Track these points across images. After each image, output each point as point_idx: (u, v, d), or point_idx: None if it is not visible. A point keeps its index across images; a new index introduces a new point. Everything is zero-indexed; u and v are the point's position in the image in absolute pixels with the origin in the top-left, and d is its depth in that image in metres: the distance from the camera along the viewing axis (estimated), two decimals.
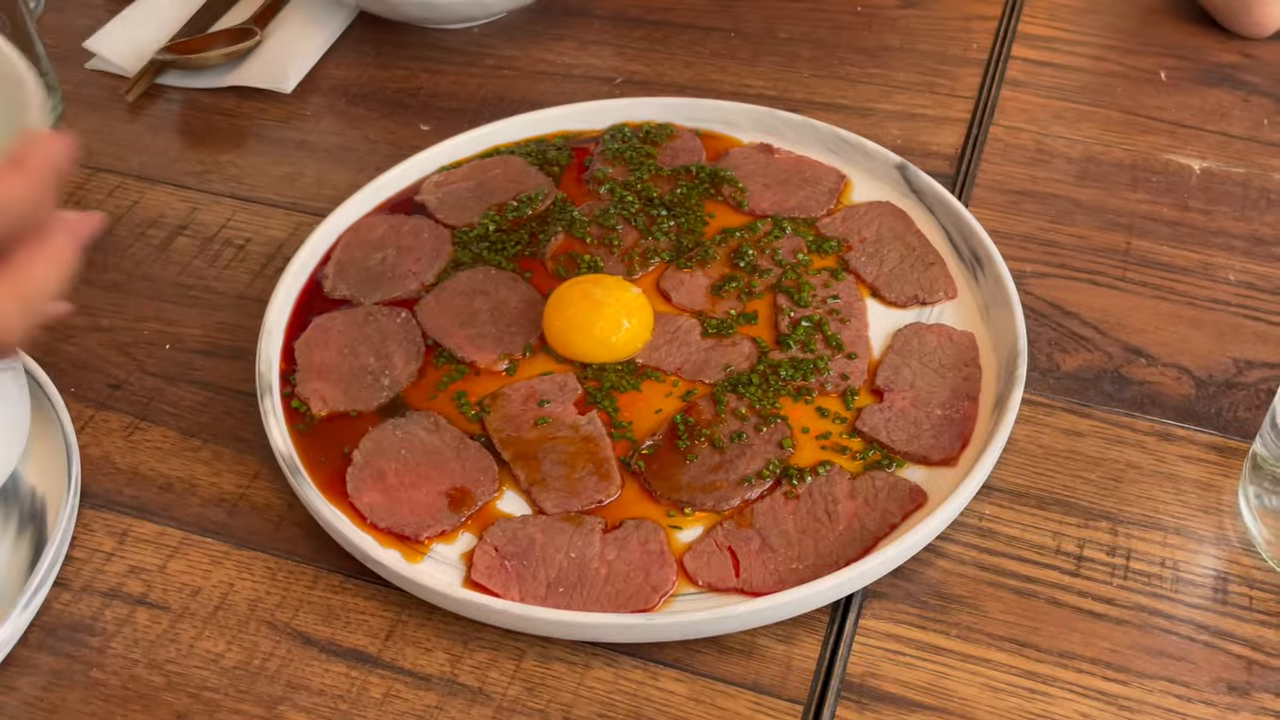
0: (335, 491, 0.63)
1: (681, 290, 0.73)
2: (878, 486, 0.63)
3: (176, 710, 0.58)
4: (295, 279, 0.73)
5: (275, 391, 0.67)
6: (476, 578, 0.60)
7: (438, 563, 0.61)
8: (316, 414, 0.66)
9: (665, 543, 0.61)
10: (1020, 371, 0.66)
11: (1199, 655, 0.59)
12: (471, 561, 0.60)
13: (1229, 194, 0.82)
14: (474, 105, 0.92)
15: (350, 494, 0.63)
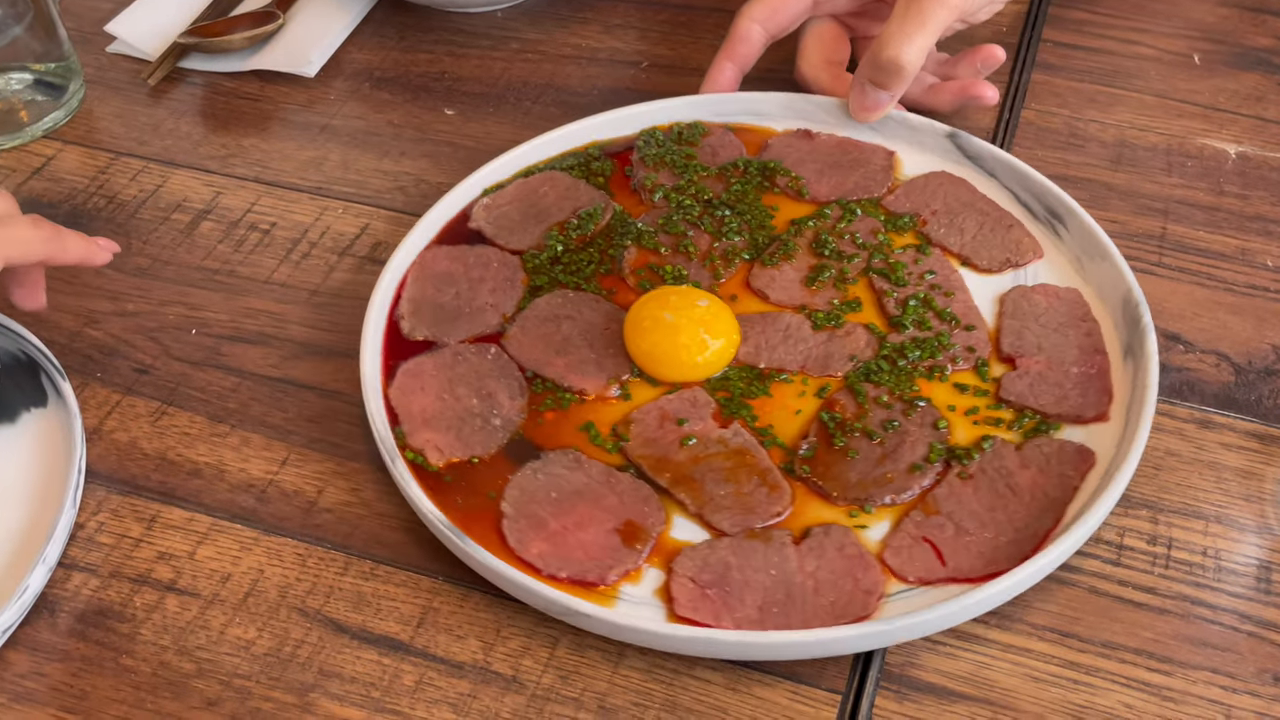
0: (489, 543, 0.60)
1: (775, 287, 0.72)
2: (1046, 453, 0.63)
3: (207, 698, 0.57)
4: (376, 327, 0.69)
5: (397, 455, 0.62)
6: (682, 612, 0.57)
7: (632, 604, 0.58)
8: (435, 465, 0.63)
9: (860, 544, 0.60)
10: (1146, 318, 0.66)
11: (1243, 645, 0.58)
12: (671, 596, 0.58)
13: (1265, 179, 0.81)
14: (498, 89, 0.91)
15: (514, 547, 0.60)
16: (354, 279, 0.77)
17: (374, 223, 0.80)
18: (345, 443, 0.67)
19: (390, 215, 0.81)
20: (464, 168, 0.84)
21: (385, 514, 0.64)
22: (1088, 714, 0.55)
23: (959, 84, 0.82)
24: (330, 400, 0.70)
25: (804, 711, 0.56)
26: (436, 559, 0.62)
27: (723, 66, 0.83)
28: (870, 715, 0.56)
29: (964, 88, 0.82)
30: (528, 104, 0.90)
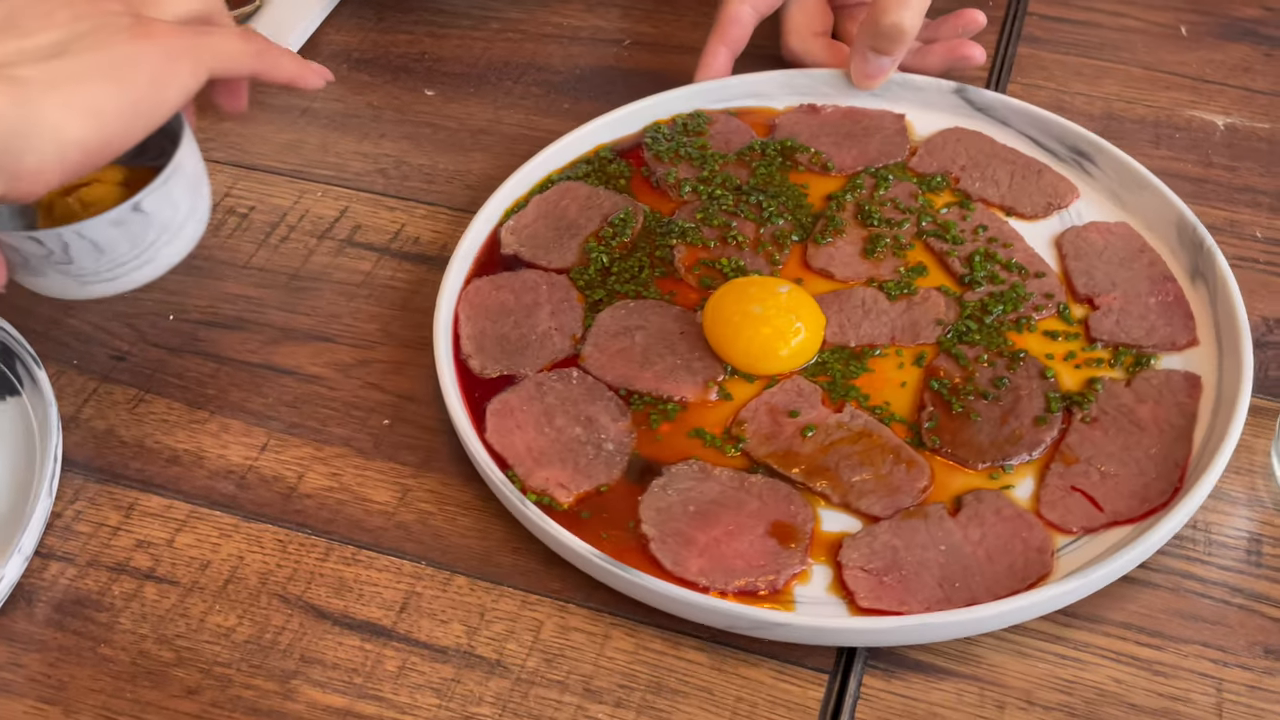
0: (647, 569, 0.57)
1: (837, 263, 0.72)
2: (1155, 385, 0.64)
3: (187, 686, 0.56)
4: (449, 374, 0.65)
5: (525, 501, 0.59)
6: (866, 604, 0.56)
7: (810, 604, 0.57)
8: (564, 503, 0.61)
9: (1015, 504, 0.60)
10: (1209, 239, 0.68)
11: (1234, 618, 0.57)
12: (848, 590, 0.57)
13: (1254, 149, 0.80)
14: (479, 69, 0.90)
15: (672, 569, 0.57)
16: (333, 262, 0.76)
17: (354, 205, 0.79)
18: (325, 427, 0.67)
19: (370, 198, 0.80)
20: (445, 149, 0.83)
21: (365, 499, 0.63)
22: (1076, 689, 0.55)
23: (945, 45, 0.82)
24: (309, 385, 0.69)
25: (790, 691, 0.55)
26: (418, 543, 0.61)
27: (716, 51, 0.82)
28: (858, 694, 0.55)
29: (951, 48, 0.82)
30: (509, 84, 0.89)
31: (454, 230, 0.78)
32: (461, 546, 0.61)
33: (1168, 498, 0.59)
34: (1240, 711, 0.54)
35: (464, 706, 0.55)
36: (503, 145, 0.84)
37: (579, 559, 0.58)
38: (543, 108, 0.86)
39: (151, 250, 0.64)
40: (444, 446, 0.65)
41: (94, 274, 0.63)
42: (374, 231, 0.78)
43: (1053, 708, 0.54)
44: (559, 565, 0.60)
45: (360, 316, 0.72)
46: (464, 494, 0.63)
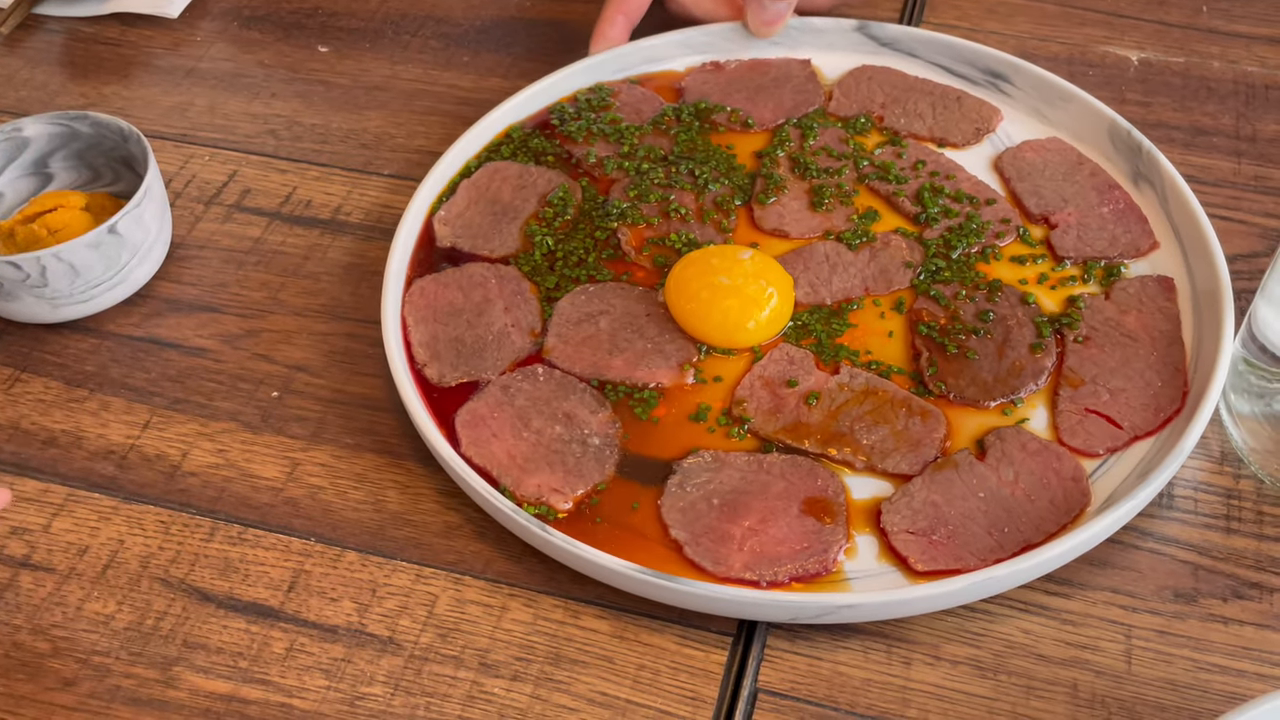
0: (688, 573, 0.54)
1: (789, 221, 0.69)
2: (1133, 293, 0.64)
3: (64, 677, 0.54)
4: (410, 390, 0.60)
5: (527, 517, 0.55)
6: (923, 567, 0.54)
7: (865, 578, 0.55)
8: (560, 509, 0.58)
9: (1038, 437, 0.59)
10: (1146, 141, 0.69)
11: (1144, 563, 0.56)
12: (900, 556, 0.55)
13: (1168, 84, 0.79)
14: (375, 23, 0.86)
15: (715, 570, 0.54)
16: (220, 229, 0.73)
17: (243, 169, 0.76)
18: (210, 402, 0.64)
19: (260, 160, 0.77)
20: (339, 107, 0.80)
21: (253, 475, 0.61)
22: (984, 641, 0.54)
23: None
24: (195, 358, 0.66)
25: (694, 656, 0.54)
26: (307, 519, 0.59)
27: (614, 19, 0.78)
28: (762, 655, 0.54)
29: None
30: (406, 38, 0.85)
31: (348, 192, 0.75)
32: (353, 521, 0.59)
33: (1179, 403, 0.59)
34: (1149, 657, 0.53)
35: (354, 687, 0.53)
36: (400, 102, 0.80)
37: (610, 575, 0.54)
38: (441, 61, 0.83)
39: (124, 272, 0.65)
40: (335, 418, 0.63)
41: (67, 296, 0.64)
42: (264, 195, 0.74)
43: (960, 661, 0.53)
44: (454, 537, 0.58)
45: (249, 285, 0.69)
46: (355, 466, 0.61)
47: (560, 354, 0.64)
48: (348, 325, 0.67)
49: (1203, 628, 0.54)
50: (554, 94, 0.77)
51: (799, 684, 0.53)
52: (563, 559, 0.55)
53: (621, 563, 0.54)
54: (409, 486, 0.60)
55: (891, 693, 0.52)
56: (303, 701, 0.53)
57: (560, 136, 0.75)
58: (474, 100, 0.80)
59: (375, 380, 0.65)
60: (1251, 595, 0.55)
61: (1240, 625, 0.54)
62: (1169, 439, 0.58)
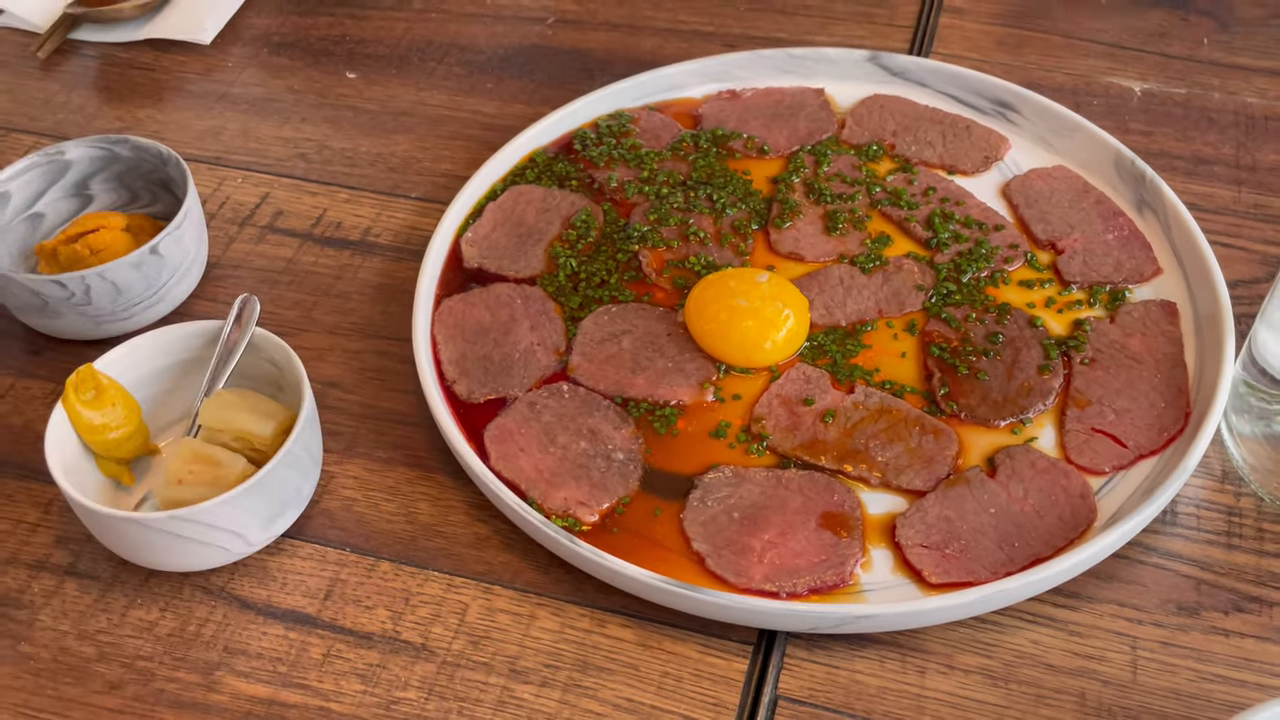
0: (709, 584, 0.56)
1: (804, 244, 0.72)
2: (1137, 317, 0.67)
3: (109, 681, 0.56)
4: (442, 409, 0.63)
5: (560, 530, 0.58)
6: (936, 579, 0.56)
7: (880, 590, 0.57)
8: (588, 522, 0.60)
9: (1046, 456, 0.61)
10: (1150, 170, 0.72)
11: (1148, 577, 0.58)
12: (914, 569, 0.57)
13: (1170, 114, 0.81)
14: (401, 50, 0.89)
15: (736, 581, 0.56)
16: (254, 249, 0.75)
17: (275, 191, 0.79)
18: None
19: (291, 183, 0.79)
20: (367, 132, 0.83)
21: None
22: (996, 651, 0.56)
23: None
24: None
25: (716, 664, 0.56)
26: (342, 530, 0.61)
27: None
28: (782, 664, 0.56)
29: None
30: (432, 64, 0.88)
31: (377, 214, 0.77)
32: (386, 532, 0.61)
33: (1183, 424, 0.61)
34: (1154, 668, 0.55)
35: (389, 691, 0.55)
36: (426, 127, 0.83)
37: (635, 585, 0.56)
38: (466, 88, 0.86)
39: (163, 290, 0.68)
40: (368, 432, 0.65)
41: (110, 314, 0.67)
42: (295, 217, 0.77)
43: (973, 670, 0.55)
44: (484, 548, 0.60)
45: (282, 304, 0.72)
46: (387, 479, 0.63)
47: (584, 372, 0.66)
48: (378, 343, 0.70)
49: (1205, 639, 0.56)
50: (576, 120, 0.80)
51: (817, 691, 0.55)
52: (589, 569, 0.58)
53: (647, 573, 0.56)
54: (439, 499, 0.62)
55: (907, 700, 0.54)
56: (340, 705, 0.55)
57: (583, 161, 0.77)
58: (497, 126, 0.83)
59: (406, 396, 0.67)
60: (1252, 609, 0.57)
61: (1241, 637, 0.56)
62: (1172, 458, 0.60)
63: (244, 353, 0.62)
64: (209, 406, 0.59)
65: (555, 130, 0.79)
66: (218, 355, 0.62)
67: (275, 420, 0.59)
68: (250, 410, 0.59)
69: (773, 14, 0.90)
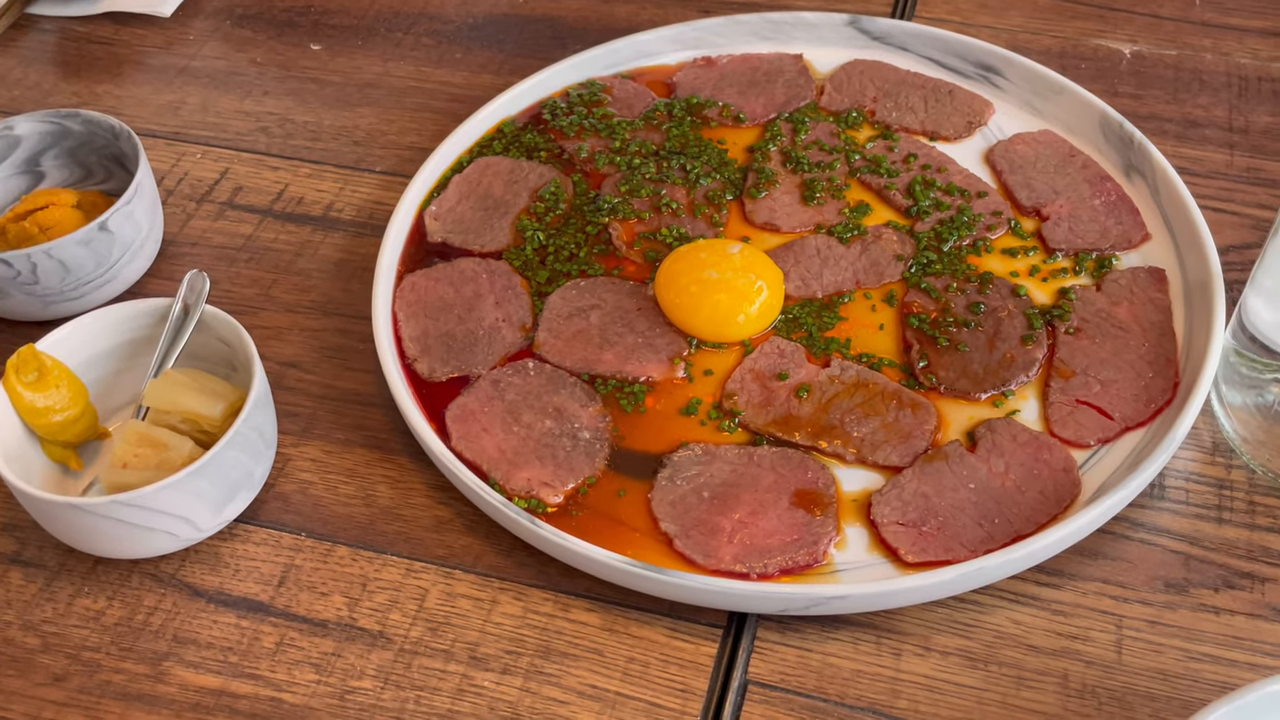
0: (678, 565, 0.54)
1: (780, 214, 0.69)
2: (1124, 285, 0.64)
3: (54, 673, 0.54)
4: (401, 386, 0.60)
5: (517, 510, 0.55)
6: (913, 558, 0.54)
7: (855, 569, 0.54)
8: (550, 503, 0.57)
9: (1028, 429, 0.59)
10: (1138, 133, 0.69)
11: (1135, 554, 0.56)
12: (890, 547, 0.55)
13: (1160, 77, 0.79)
14: (367, 21, 0.86)
15: (705, 563, 0.54)
16: (212, 226, 0.73)
17: (235, 166, 0.76)
18: None
19: (252, 158, 0.77)
20: (331, 105, 0.80)
21: None
22: (975, 632, 0.54)
23: None
24: None
25: (684, 648, 0.54)
26: (298, 514, 0.59)
27: None
28: (752, 647, 0.54)
29: None
30: (399, 35, 0.85)
31: (340, 189, 0.75)
32: (343, 516, 0.59)
33: (1171, 394, 0.59)
34: (1140, 648, 0.53)
35: (344, 680, 0.53)
36: (392, 99, 0.80)
37: (599, 567, 0.54)
38: (434, 58, 0.83)
39: (115, 269, 0.66)
40: (326, 413, 0.63)
41: (58, 293, 0.64)
42: (256, 193, 0.75)
43: (951, 652, 0.53)
44: (444, 531, 0.58)
45: (240, 281, 0.69)
46: (346, 461, 0.61)
47: (551, 348, 0.64)
48: (339, 321, 0.67)
49: (1194, 617, 0.54)
50: (546, 89, 0.77)
51: (789, 675, 0.53)
52: (552, 552, 0.55)
53: (611, 555, 0.54)
54: (399, 481, 0.60)
55: (881, 684, 0.52)
56: (293, 696, 0.53)
57: (553, 131, 0.75)
58: (466, 97, 0.80)
59: (366, 376, 0.65)
60: (1243, 585, 0.55)
61: (1231, 615, 0.54)
62: (1160, 429, 0.58)
63: (195, 332, 0.60)
64: (155, 387, 0.57)
65: (524, 100, 0.76)
66: (166, 334, 0.60)
67: (225, 401, 0.57)
68: (199, 390, 0.57)
69: None
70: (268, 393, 0.58)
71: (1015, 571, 0.54)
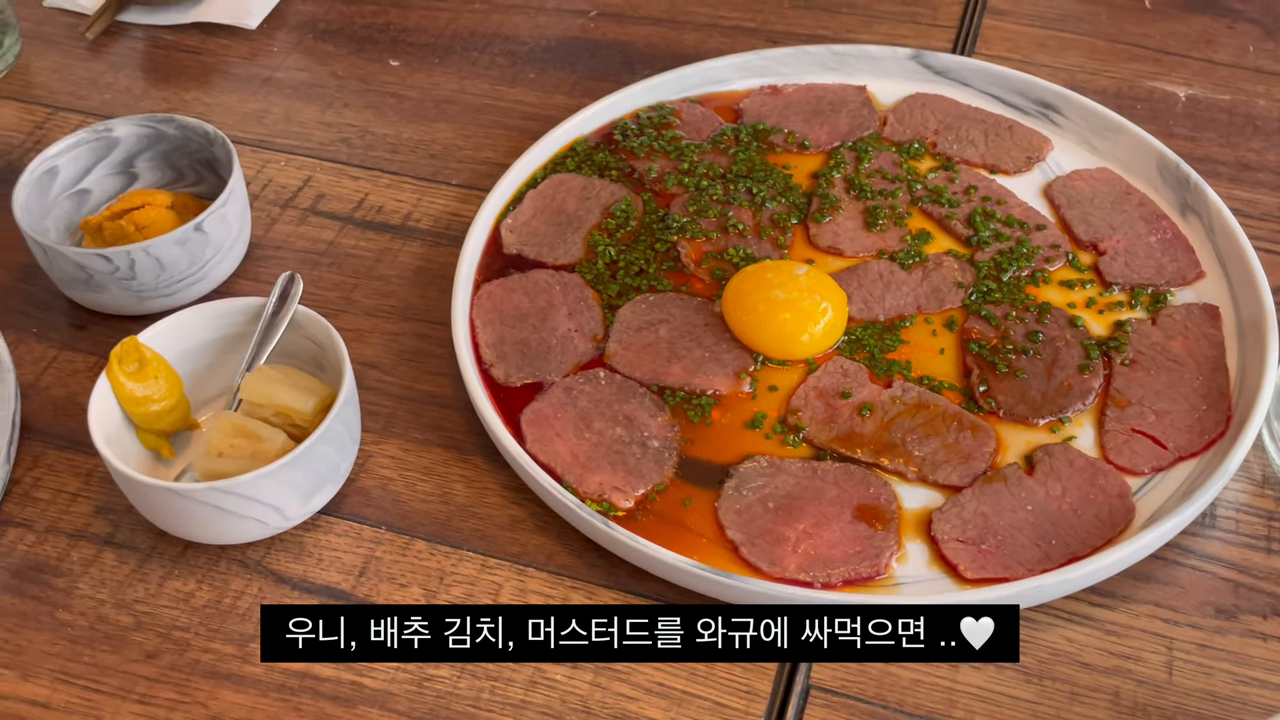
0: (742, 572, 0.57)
1: (844, 239, 0.72)
2: (1179, 320, 0.67)
3: (146, 650, 0.56)
4: (478, 390, 0.63)
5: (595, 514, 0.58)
6: (972, 574, 0.56)
7: (914, 583, 0.57)
8: (622, 507, 0.60)
9: (1084, 455, 0.61)
10: (1194, 174, 0.71)
11: (1186, 579, 0.58)
12: (950, 563, 0.57)
13: (1214, 121, 0.81)
14: (444, 40, 0.89)
15: (769, 570, 0.56)
16: (296, 231, 0.75)
17: (317, 174, 0.79)
18: None
19: (334, 167, 0.80)
20: (409, 119, 0.83)
21: None
22: (1030, 648, 0.55)
23: None
24: None
25: None
26: (378, 509, 0.61)
27: None
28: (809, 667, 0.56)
29: None
30: (475, 54, 0.88)
31: (417, 200, 0.77)
32: (421, 512, 0.61)
33: (1224, 427, 0.61)
34: (1190, 669, 0.55)
35: (421, 669, 0.55)
36: (467, 115, 0.83)
37: (669, 570, 0.56)
38: (508, 78, 0.86)
39: (206, 268, 0.69)
40: (405, 413, 0.66)
41: (153, 290, 0.67)
42: (337, 200, 0.78)
43: (1006, 667, 0.55)
44: (518, 530, 0.60)
45: (323, 285, 0.72)
46: (423, 460, 0.63)
47: (621, 359, 0.66)
48: (417, 326, 0.70)
49: (1242, 643, 0.55)
50: (617, 111, 0.80)
51: (849, 682, 0.55)
52: (623, 554, 0.58)
53: (682, 559, 0.56)
54: (475, 481, 0.63)
55: (939, 694, 0.54)
56: (373, 681, 0.55)
57: (623, 151, 0.78)
58: (539, 116, 0.83)
59: (443, 379, 0.67)
60: None
61: (1279, 642, 0.55)
62: (1212, 461, 0.60)
63: (285, 330, 0.63)
64: (251, 381, 0.60)
65: (597, 120, 0.79)
66: (260, 331, 0.62)
67: (316, 397, 0.60)
68: (292, 386, 0.60)
69: (816, 11, 0.90)
70: (355, 390, 0.60)
71: (1071, 591, 0.56)
